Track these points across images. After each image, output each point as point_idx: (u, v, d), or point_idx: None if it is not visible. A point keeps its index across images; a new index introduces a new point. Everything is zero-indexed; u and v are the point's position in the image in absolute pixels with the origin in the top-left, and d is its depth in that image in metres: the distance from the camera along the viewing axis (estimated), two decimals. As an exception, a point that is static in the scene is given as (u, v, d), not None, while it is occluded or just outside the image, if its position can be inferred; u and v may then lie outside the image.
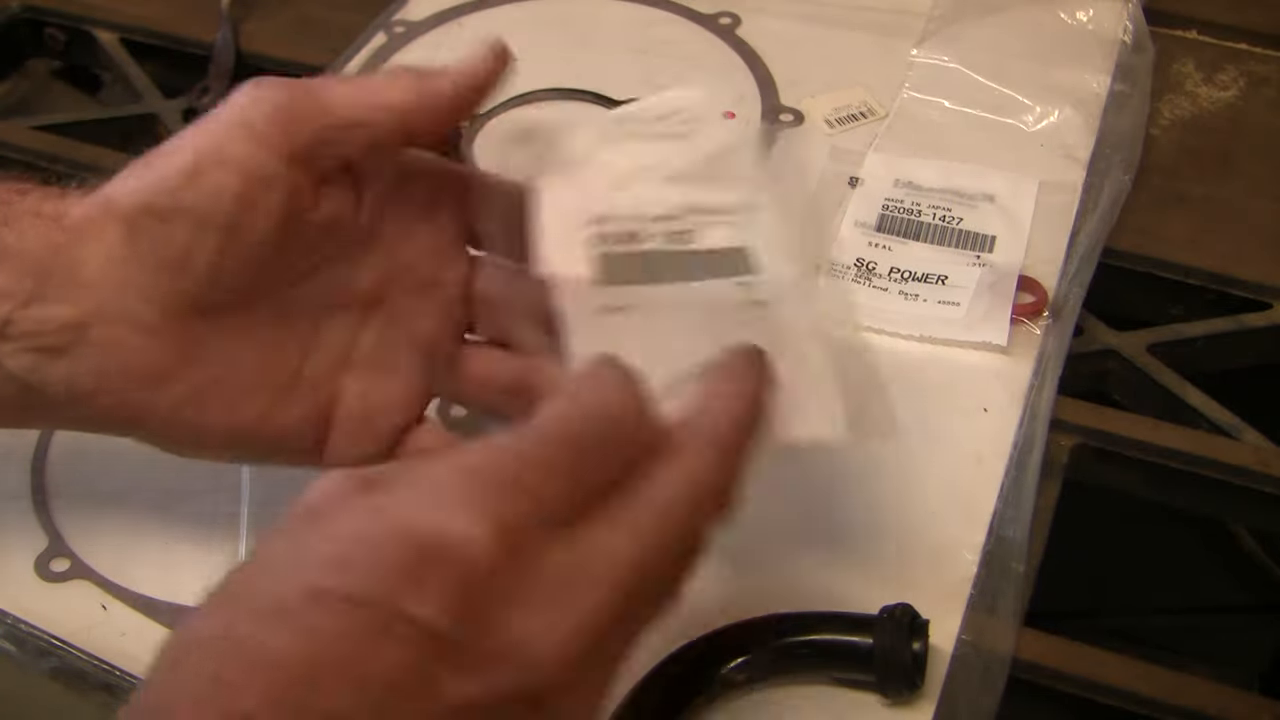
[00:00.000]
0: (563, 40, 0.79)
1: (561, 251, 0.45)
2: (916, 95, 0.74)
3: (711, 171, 0.48)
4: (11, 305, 0.42)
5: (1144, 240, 0.67)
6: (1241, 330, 0.64)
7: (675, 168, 0.48)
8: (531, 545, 0.32)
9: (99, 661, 0.48)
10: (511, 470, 0.33)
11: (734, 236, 0.47)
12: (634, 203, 0.47)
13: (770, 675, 0.47)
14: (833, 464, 0.55)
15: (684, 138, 0.49)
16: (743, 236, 0.47)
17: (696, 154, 0.48)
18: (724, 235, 0.47)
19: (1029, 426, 0.56)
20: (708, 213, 0.47)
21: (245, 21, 0.83)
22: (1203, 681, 0.49)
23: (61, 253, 0.43)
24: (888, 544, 0.52)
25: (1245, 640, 0.85)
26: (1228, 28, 0.80)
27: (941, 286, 0.62)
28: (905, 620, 0.46)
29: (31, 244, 0.43)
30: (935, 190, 0.67)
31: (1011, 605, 0.50)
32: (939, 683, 0.47)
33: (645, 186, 0.47)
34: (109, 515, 0.54)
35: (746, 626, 0.47)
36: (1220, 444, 0.58)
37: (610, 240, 0.46)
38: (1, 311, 0.42)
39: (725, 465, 0.36)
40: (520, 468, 0.33)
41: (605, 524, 0.34)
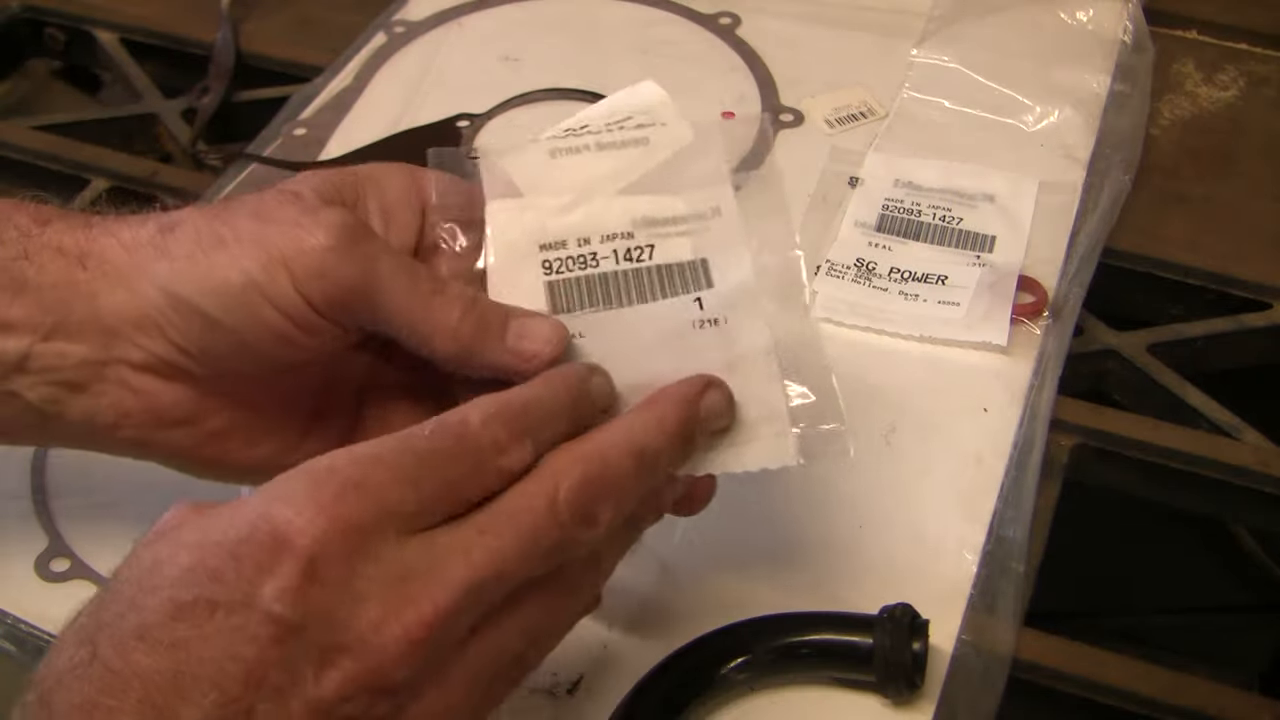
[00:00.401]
0: (563, 40, 0.79)
1: (512, 283, 0.45)
2: (916, 95, 0.74)
3: (669, 178, 0.47)
4: (31, 339, 0.42)
5: (1144, 240, 0.67)
6: (1241, 330, 0.64)
7: (629, 179, 0.46)
8: (375, 543, 0.34)
9: (99, 661, 0.48)
10: (359, 473, 0.35)
11: (691, 247, 0.46)
12: (585, 223, 0.46)
13: (770, 675, 0.47)
14: (833, 464, 0.54)
15: (640, 143, 0.47)
16: (699, 246, 0.46)
17: (652, 161, 0.47)
18: (680, 248, 0.46)
19: (1029, 426, 0.56)
20: (664, 224, 0.46)
21: (245, 21, 0.83)
22: (1203, 681, 0.49)
23: (83, 293, 0.42)
24: (888, 544, 0.52)
25: (1245, 640, 0.85)
26: (1228, 28, 0.81)
27: (941, 286, 0.62)
28: (905, 620, 0.46)
29: (52, 278, 0.42)
30: (935, 190, 0.67)
31: (1011, 605, 0.50)
32: (939, 683, 0.47)
33: (598, 202, 0.46)
34: (109, 515, 0.54)
35: (746, 626, 0.47)
36: (1220, 444, 0.58)
37: (562, 266, 0.45)
38: (21, 345, 0.42)
39: (590, 485, 0.37)
40: (368, 471, 0.35)
41: (460, 527, 0.36)
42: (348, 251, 0.41)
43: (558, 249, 0.45)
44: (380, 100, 0.76)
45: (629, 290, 0.45)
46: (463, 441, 0.37)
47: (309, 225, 0.41)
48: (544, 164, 0.47)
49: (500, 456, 0.37)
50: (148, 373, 0.43)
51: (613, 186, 0.46)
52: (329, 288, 0.41)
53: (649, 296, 0.45)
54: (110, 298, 0.42)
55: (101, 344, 0.42)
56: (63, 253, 0.42)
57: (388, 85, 0.77)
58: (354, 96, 0.76)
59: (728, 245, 0.45)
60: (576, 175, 0.46)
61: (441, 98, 0.75)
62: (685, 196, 0.46)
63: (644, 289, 0.45)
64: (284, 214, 0.41)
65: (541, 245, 0.45)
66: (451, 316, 0.42)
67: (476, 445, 0.37)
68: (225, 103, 0.78)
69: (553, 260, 0.45)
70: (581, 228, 0.46)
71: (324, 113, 0.75)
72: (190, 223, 0.42)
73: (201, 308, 0.41)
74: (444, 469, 0.36)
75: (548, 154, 0.47)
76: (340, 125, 0.74)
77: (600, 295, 0.45)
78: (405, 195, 0.45)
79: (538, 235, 0.45)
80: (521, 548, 0.36)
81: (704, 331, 0.45)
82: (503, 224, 0.46)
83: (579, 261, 0.45)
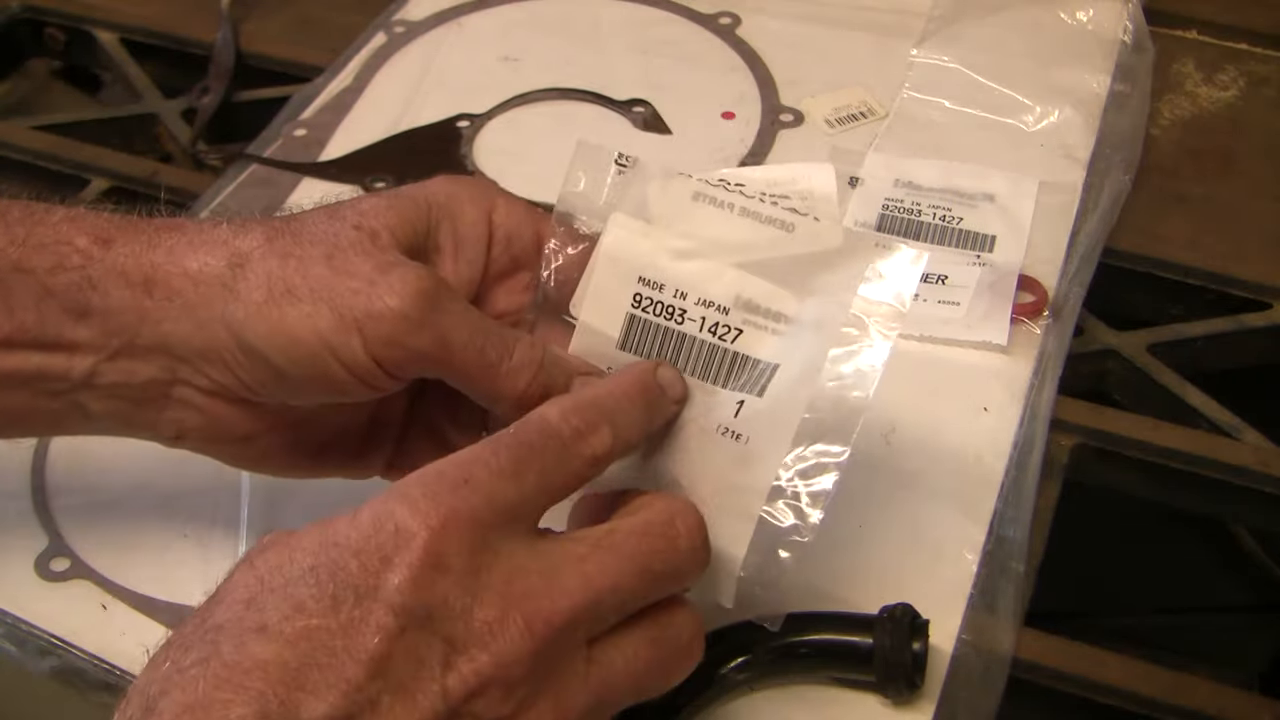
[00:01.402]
0: (563, 40, 0.79)
1: (600, 299, 0.45)
2: (916, 95, 0.74)
3: (793, 273, 0.44)
4: (97, 358, 0.42)
5: (1144, 240, 0.67)
6: (1241, 330, 0.64)
7: (754, 256, 0.44)
8: (491, 537, 0.35)
9: (99, 661, 0.48)
10: (465, 472, 0.36)
11: (774, 352, 0.44)
12: (691, 278, 0.44)
13: (770, 675, 0.47)
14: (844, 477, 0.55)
15: (784, 227, 0.44)
16: (780, 352, 0.43)
17: (786, 250, 0.44)
18: (764, 345, 0.44)
19: (1029, 426, 0.56)
20: (763, 314, 0.44)
21: (245, 21, 0.83)
22: (1203, 681, 0.49)
23: (150, 320, 0.42)
24: (888, 543, 0.52)
25: (1245, 640, 0.85)
26: (1228, 28, 0.81)
27: (941, 286, 0.62)
28: (905, 620, 0.46)
29: (118, 304, 0.42)
30: (935, 190, 0.67)
31: (1012, 604, 0.50)
32: (939, 682, 0.47)
33: (713, 264, 0.44)
34: (109, 515, 0.54)
35: (746, 626, 0.47)
36: (1220, 444, 0.58)
37: (650, 307, 0.44)
38: (87, 363, 0.42)
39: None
40: (472, 470, 0.36)
41: (575, 539, 0.38)
42: (420, 321, 0.40)
43: (654, 289, 0.44)
44: (380, 100, 0.76)
45: (697, 362, 0.44)
46: (546, 434, 0.38)
47: (383, 288, 0.40)
48: (683, 203, 0.45)
49: (582, 443, 0.39)
50: (214, 397, 0.43)
51: (735, 256, 0.44)
52: (399, 354, 0.41)
53: (709, 377, 0.44)
54: (177, 327, 0.42)
55: (168, 367, 0.43)
56: (128, 279, 0.42)
57: (388, 85, 0.77)
58: (354, 97, 0.76)
59: (803, 366, 0.43)
60: (707, 229, 0.45)
61: (441, 98, 0.75)
62: (799, 299, 0.44)
63: (710, 368, 0.44)
64: (359, 267, 0.41)
65: (641, 278, 0.45)
66: (519, 385, 0.42)
67: (559, 435, 0.38)
68: (225, 103, 0.78)
69: (645, 297, 0.45)
70: (685, 281, 0.44)
71: (324, 113, 0.75)
72: (261, 263, 0.41)
73: (270, 358, 0.41)
74: (535, 461, 0.37)
75: (691, 195, 0.45)
76: (340, 125, 0.74)
77: (670, 352, 0.44)
78: (476, 227, 0.45)
79: (643, 267, 0.44)
80: (636, 566, 0.37)
81: (723, 440, 0.43)
82: (618, 240, 0.45)
83: (667, 311, 0.44)
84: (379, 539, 0.34)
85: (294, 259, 0.41)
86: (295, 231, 0.42)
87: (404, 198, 0.44)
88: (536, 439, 0.38)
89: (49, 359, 0.42)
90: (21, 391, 0.43)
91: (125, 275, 0.42)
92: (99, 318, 0.42)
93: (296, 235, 0.42)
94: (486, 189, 0.46)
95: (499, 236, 0.45)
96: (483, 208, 0.45)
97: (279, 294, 0.41)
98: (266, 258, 0.41)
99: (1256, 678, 0.77)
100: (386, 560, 0.34)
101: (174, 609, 0.50)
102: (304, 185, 0.70)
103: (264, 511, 0.53)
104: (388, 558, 0.34)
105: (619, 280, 0.45)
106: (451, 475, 0.36)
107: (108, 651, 0.48)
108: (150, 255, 0.42)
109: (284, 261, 0.41)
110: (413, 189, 0.45)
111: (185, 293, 0.42)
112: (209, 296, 0.41)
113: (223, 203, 0.69)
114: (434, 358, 0.41)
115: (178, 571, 0.51)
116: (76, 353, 0.42)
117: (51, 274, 0.41)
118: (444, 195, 0.45)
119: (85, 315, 0.42)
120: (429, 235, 0.44)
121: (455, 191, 0.45)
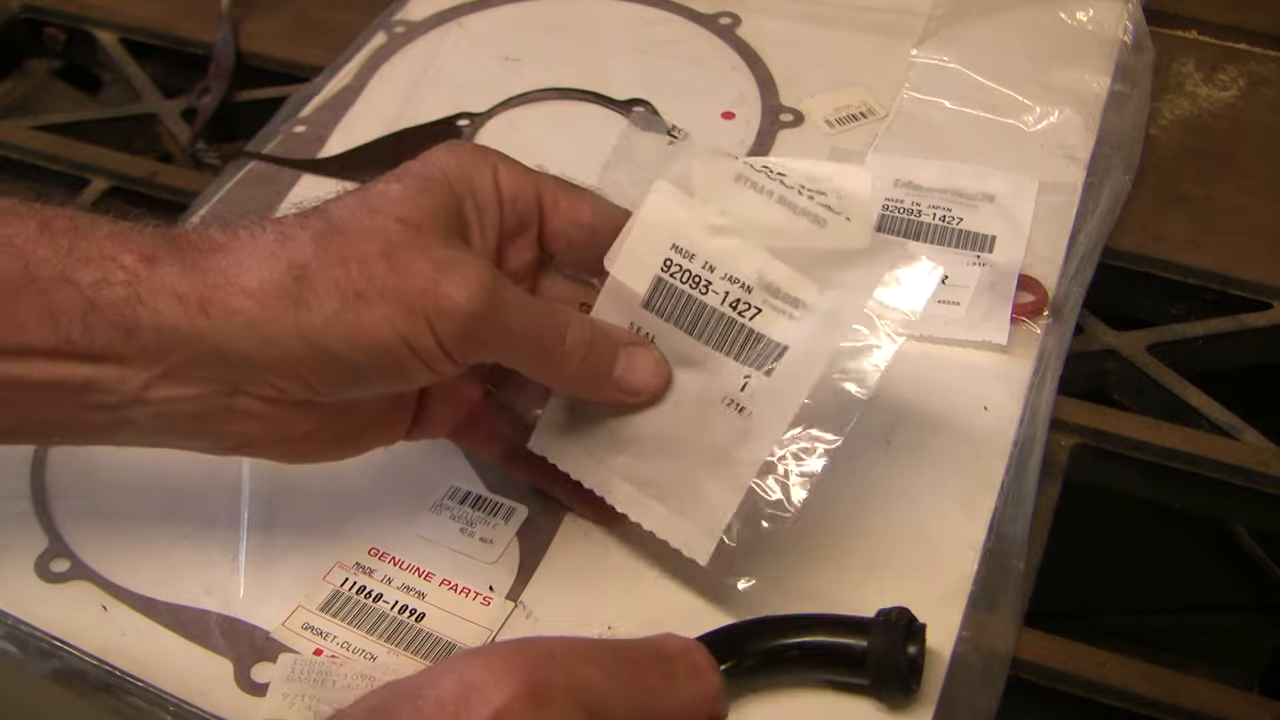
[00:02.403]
0: (563, 40, 0.79)
1: (633, 257, 0.47)
2: (916, 95, 0.74)
3: (818, 265, 0.46)
4: (149, 375, 0.42)
5: (1144, 240, 0.67)
6: (1241, 330, 0.64)
7: (784, 243, 0.46)
8: (558, 706, 0.37)
9: (99, 662, 0.48)
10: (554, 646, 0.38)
11: (786, 335, 0.46)
12: (721, 253, 0.46)
13: (764, 677, 0.46)
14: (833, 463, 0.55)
15: (817, 221, 0.46)
16: (791, 334, 0.46)
17: (815, 242, 0.46)
18: (779, 326, 0.46)
19: (1029, 426, 0.56)
20: (782, 298, 0.46)
21: (245, 21, 0.83)
22: (1203, 681, 0.49)
23: (208, 339, 0.42)
24: (888, 542, 0.52)
25: (1245, 640, 0.85)
26: (1228, 28, 0.81)
27: (942, 286, 0.62)
28: (901, 624, 0.46)
29: (171, 322, 0.42)
30: (935, 190, 0.67)
31: (1012, 603, 0.50)
32: (939, 682, 0.47)
33: (744, 244, 0.46)
34: (109, 515, 0.54)
35: (740, 628, 0.47)
36: (1220, 444, 0.58)
37: (678, 274, 0.47)
38: (138, 380, 0.42)
39: None
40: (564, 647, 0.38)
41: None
42: (485, 316, 0.43)
43: (685, 258, 0.47)
44: (380, 99, 0.76)
45: (714, 333, 0.47)
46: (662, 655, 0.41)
47: (449, 287, 0.42)
48: (725, 182, 0.47)
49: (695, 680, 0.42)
50: (276, 404, 0.44)
51: (766, 240, 0.46)
52: (467, 345, 0.43)
53: (722, 348, 0.47)
54: (239, 344, 0.42)
55: (230, 381, 0.43)
56: (180, 299, 0.42)
57: (388, 84, 0.77)
58: (353, 95, 0.76)
59: (812, 352, 0.45)
60: (744, 209, 0.47)
61: (441, 97, 0.75)
62: (819, 290, 0.46)
63: (724, 341, 0.47)
64: (419, 266, 0.42)
65: (674, 245, 0.47)
66: (571, 365, 0.46)
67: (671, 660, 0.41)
68: (225, 103, 0.78)
69: (674, 264, 0.47)
70: (716, 255, 0.46)
71: (323, 111, 0.75)
72: (323, 272, 0.42)
73: (350, 361, 0.42)
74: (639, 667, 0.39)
75: (734, 175, 0.47)
76: (340, 123, 0.74)
77: (689, 319, 0.47)
78: (490, 194, 0.47)
79: (678, 236, 0.47)
80: None
81: (727, 411, 0.46)
82: (659, 205, 0.47)
83: (693, 280, 0.47)
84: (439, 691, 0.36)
85: (354, 262, 0.42)
86: (342, 231, 0.43)
87: (426, 180, 0.45)
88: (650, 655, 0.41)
89: (98, 371, 0.42)
90: (68, 402, 0.43)
91: (176, 295, 0.42)
92: (151, 334, 0.42)
93: (345, 236, 0.43)
94: (486, 155, 0.48)
95: (505, 199, 0.47)
96: (488, 175, 0.47)
97: (350, 299, 0.42)
98: (327, 266, 0.42)
99: (1256, 678, 0.78)
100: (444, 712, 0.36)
101: (174, 610, 0.50)
102: (303, 182, 0.70)
103: (264, 512, 0.53)
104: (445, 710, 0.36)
105: (653, 243, 0.47)
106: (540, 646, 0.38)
107: (108, 653, 0.48)
108: (201, 277, 0.42)
109: (345, 267, 0.42)
110: (422, 167, 0.46)
111: (248, 310, 0.42)
112: (277, 312, 0.42)
113: (223, 199, 0.69)
114: (496, 345, 0.44)
115: (178, 572, 0.51)
116: (128, 367, 0.42)
117: (96, 288, 0.41)
118: (456, 169, 0.46)
119: (135, 331, 0.41)
120: (458, 214, 0.46)
121: (464, 163, 0.46)
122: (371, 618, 0.49)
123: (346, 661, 0.48)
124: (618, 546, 0.52)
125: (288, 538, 0.52)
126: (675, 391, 0.47)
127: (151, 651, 0.48)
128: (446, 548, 0.52)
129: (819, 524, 0.52)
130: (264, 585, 0.51)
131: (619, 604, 0.50)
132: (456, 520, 0.53)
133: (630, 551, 0.52)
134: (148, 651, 0.48)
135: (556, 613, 0.50)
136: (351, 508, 0.54)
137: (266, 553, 0.52)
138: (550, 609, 0.50)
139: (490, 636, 0.49)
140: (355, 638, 0.49)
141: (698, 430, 0.46)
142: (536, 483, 0.53)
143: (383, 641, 0.49)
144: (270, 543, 0.52)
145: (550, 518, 0.53)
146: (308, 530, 0.53)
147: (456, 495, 0.54)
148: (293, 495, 0.54)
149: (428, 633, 0.49)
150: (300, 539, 0.52)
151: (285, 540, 0.52)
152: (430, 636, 0.49)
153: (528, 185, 0.47)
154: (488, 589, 0.50)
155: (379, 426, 0.49)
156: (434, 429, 0.51)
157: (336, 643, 0.49)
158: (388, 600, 0.50)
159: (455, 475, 0.55)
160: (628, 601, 0.50)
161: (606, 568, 0.51)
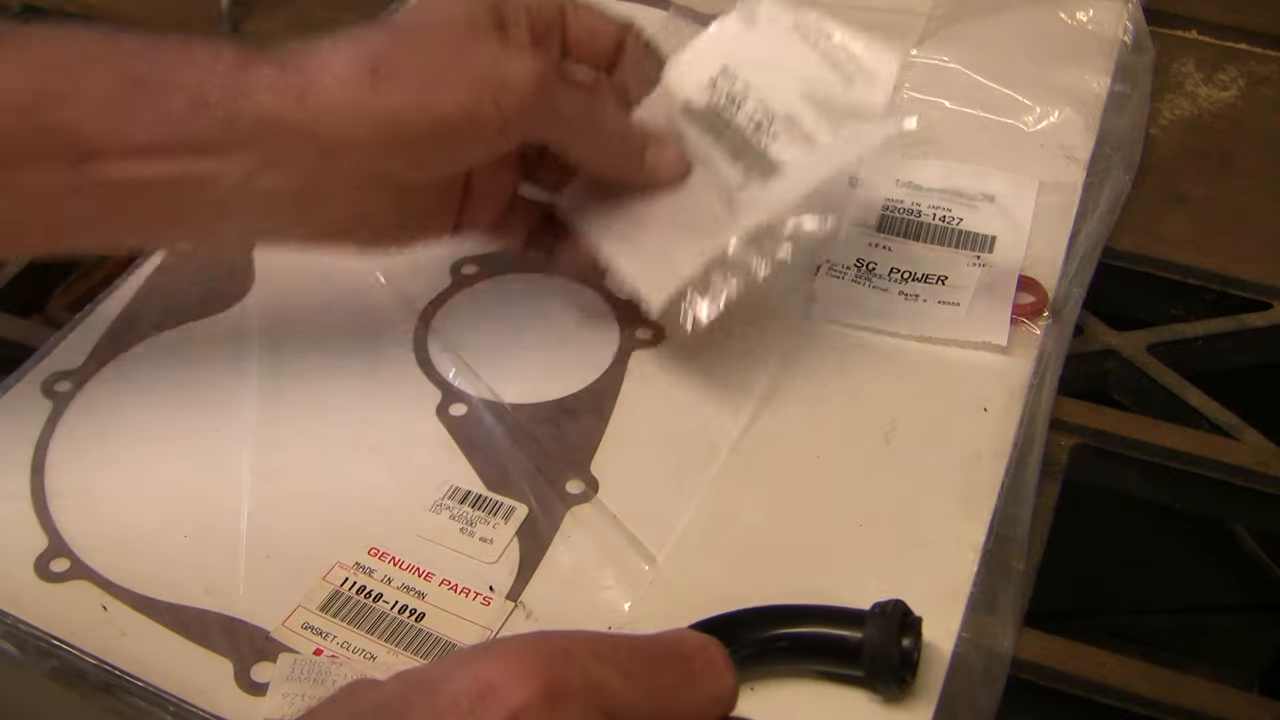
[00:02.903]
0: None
1: (685, 69, 0.56)
2: (916, 95, 0.74)
3: (836, 110, 0.54)
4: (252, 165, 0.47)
5: (1144, 240, 0.67)
6: (1241, 330, 0.64)
7: (816, 91, 0.55)
8: (575, 707, 0.36)
9: (99, 661, 0.48)
10: (568, 644, 0.37)
11: (792, 158, 0.54)
12: (761, 85, 0.55)
13: (758, 667, 0.46)
14: (834, 463, 0.55)
15: (846, 79, 0.55)
16: (793, 158, 0.54)
17: (839, 95, 0.55)
18: (788, 153, 0.54)
19: (1029, 426, 0.56)
20: (796, 128, 0.54)
21: (245, 21, 0.83)
22: (1203, 681, 0.49)
23: (305, 126, 0.47)
24: (888, 542, 0.52)
25: (1245, 640, 0.85)
26: (1228, 28, 0.81)
27: (941, 286, 0.62)
28: (896, 616, 0.45)
29: (270, 112, 0.47)
30: (935, 190, 0.67)
31: (1012, 603, 0.50)
32: (939, 682, 0.47)
33: (781, 80, 0.55)
34: (109, 515, 0.54)
35: (734, 618, 0.47)
36: (1220, 444, 0.58)
37: (719, 91, 0.55)
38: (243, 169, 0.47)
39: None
40: (577, 644, 0.38)
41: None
42: (540, 93, 0.49)
43: (728, 80, 0.56)
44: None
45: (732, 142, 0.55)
46: (678, 653, 0.40)
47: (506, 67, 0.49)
48: (784, 28, 0.56)
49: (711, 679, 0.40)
50: (361, 190, 0.50)
51: (801, 84, 0.55)
52: (523, 119, 0.49)
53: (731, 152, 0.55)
54: (332, 128, 0.47)
55: (322, 167, 0.48)
56: (278, 92, 0.47)
57: (388, 85, 0.77)
58: (354, 96, 0.76)
59: (804, 178, 0.53)
60: (790, 54, 0.56)
61: (441, 98, 0.75)
62: (830, 128, 0.54)
63: (738, 149, 0.55)
64: (481, 55, 0.49)
65: (724, 66, 0.56)
66: (610, 150, 0.54)
67: (688, 659, 0.40)
68: (225, 103, 0.78)
69: (718, 83, 0.56)
70: (755, 85, 0.55)
71: (324, 113, 0.75)
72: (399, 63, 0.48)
73: (423, 134, 0.48)
74: (656, 666, 0.39)
75: (792, 25, 0.57)
76: (340, 125, 0.74)
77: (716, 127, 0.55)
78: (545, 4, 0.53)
79: (729, 59, 0.56)
80: None
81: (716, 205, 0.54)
82: (725, 29, 0.57)
83: (729, 98, 0.55)
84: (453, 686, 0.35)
85: (424, 53, 0.49)
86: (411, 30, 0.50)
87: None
88: (666, 653, 0.40)
89: (206, 164, 0.47)
90: (179, 198, 0.47)
91: (274, 89, 0.47)
92: (252, 124, 0.46)
93: (414, 33, 0.50)
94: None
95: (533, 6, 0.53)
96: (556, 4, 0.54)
97: (423, 83, 0.48)
98: (402, 57, 0.48)
99: (1256, 678, 0.78)
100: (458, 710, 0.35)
101: (174, 609, 0.50)
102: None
103: (264, 512, 0.53)
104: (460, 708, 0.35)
105: (707, 61, 0.56)
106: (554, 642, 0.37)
107: (108, 652, 0.48)
108: (296, 74, 0.47)
109: (417, 57, 0.48)
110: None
111: (338, 97, 0.47)
112: (363, 96, 0.47)
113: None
114: (548, 124, 0.51)
115: (178, 572, 0.51)
116: (232, 158, 0.47)
117: (200, 88, 0.46)
118: None
119: (237, 122, 0.46)
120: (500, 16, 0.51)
121: None
122: (371, 617, 0.49)
123: (346, 661, 0.48)
124: (618, 546, 0.52)
125: (288, 537, 0.52)
126: (686, 185, 0.55)
127: (151, 651, 0.48)
128: (446, 547, 0.52)
129: (819, 524, 0.52)
130: (264, 585, 0.51)
131: (619, 604, 0.50)
132: (456, 520, 0.53)
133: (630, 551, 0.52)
134: (148, 651, 0.48)
135: (556, 613, 0.50)
136: (351, 508, 0.54)
137: (266, 552, 0.52)
138: (550, 609, 0.50)
139: (490, 637, 0.49)
140: (355, 637, 0.49)
141: (690, 215, 0.54)
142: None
143: (382, 641, 0.49)
144: (270, 542, 0.52)
145: (550, 518, 0.53)
146: (307, 530, 0.53)
147: (456, 495, 0.54)
148: (293, 495, 0.54)
149: (428, 632, 0.49)
150: (300, 539, 0.52)
151: (285, 540, 0.52)
152: (430, 636, 0.49)
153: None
154: (488, 589, 0.50)
155: (434, 215, 0.56)
156: (475, 223, 0.57)
157: (336, 642, 0.49)
158: (388, 600, 0.50)
159: (455, 475, 0.55)
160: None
161: (606, 568, 0.51)
